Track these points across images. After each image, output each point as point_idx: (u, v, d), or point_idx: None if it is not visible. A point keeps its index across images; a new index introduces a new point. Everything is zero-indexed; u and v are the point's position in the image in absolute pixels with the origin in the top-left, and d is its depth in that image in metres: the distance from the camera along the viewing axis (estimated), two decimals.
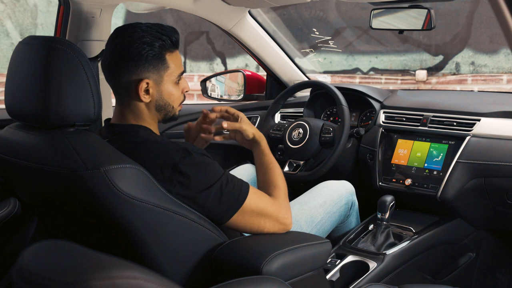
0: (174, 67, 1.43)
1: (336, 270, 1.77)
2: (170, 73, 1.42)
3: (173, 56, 1.43)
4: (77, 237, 1.46)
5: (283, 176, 1.58)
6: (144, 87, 1.39)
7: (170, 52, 1.42)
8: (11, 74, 1.33)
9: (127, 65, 1.37)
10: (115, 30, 1.42)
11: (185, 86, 1.48)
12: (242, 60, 5.56)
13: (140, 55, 1.36)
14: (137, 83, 1.38)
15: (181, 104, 1.50)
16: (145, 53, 1.36)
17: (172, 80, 1.43)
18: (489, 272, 2.14)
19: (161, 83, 1.41)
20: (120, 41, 1.38)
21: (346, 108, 2.08)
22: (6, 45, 5.34)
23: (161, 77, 1.41)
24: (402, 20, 2.00)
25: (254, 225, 1.42)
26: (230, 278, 1.16)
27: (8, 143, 1.36)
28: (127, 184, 1.21)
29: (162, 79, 1.41)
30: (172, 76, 1.42)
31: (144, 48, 1.36)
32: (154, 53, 1.38)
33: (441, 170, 1.95)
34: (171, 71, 1.42)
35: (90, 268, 0.76)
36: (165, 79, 1.41)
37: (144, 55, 1.36)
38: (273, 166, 1.57)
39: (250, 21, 2.37)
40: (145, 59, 1.37)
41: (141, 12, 5.40)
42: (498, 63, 4.89)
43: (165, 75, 1.41)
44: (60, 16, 1.93)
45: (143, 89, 1.39)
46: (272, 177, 1.55)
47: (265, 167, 1.57)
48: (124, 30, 1.40)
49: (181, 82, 1.47)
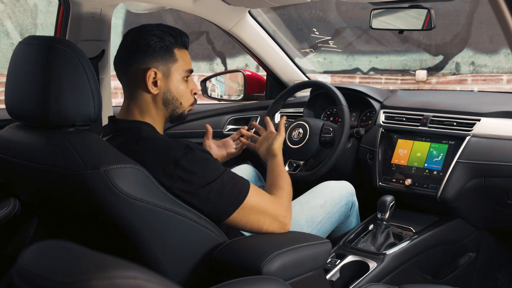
0: (182, 62, 1.46)
1: (336, 270, 1.77)
2: (178, 67, 1.45)
3: (182, 52, 1.46)
4: (77, 237, 1.46)
5: (290, 182, 1.60)
6: (152, 76, 1.41)
7: (179, 48, 1.46)
8: (11, 74, 1.33)
9: (136, 55, 1.41)
10: (127, 31, 1.47)
11: (194, 87, 1.51)
12: (242, 60, 5.57)
13: (148, 45, 1.41)
14: (144, 72, 1.41)
15: (192, 105, 1.52)
16: (154, 43, 1.41)
17: (180, 75, 1.46)
18: (489, 272, 2.14)
19: (169, 76, 1.44)
20: (131, 36, 1.44)
21: (346, 108, 2.08)
22: (6, 45, 5.35)
23: (169, 69, 1.43)
24: (402, 20, 2.00)
25: (254, 222, 1.43)
26: (230, 278, 1.16)
27: (8, 143, 1.36)
28: (127, 184, 1.21)
29: (170, 71, 1.44)
30: (180, 70, 1.45)
31: (153, 39, 1.41)
32: (163, 44, 1.42)
33: (441, 170, 1.95)
34: (179, 64, 1.45)
35: (90, 268, 0.76)
36: (173, 72, 1.44)
37: (152, 45, 1.41)
38: (283, 174, 1.62)
39: (250, 21, 2.37)
40: (153, 49, 1.41)
41: (141, 12, 5.40)
42: (498, 63, 4.89)
43: (173, 67, 1.44)
44: (60, 16, 1.93)
45: (151, 78, 1.41)
46: (278, 180, 1.58)
47: (275, 173, 1.62)
48: (135, 28, 1.46)
49: (190, 82, 1.50)
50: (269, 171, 1.65)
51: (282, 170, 1.64)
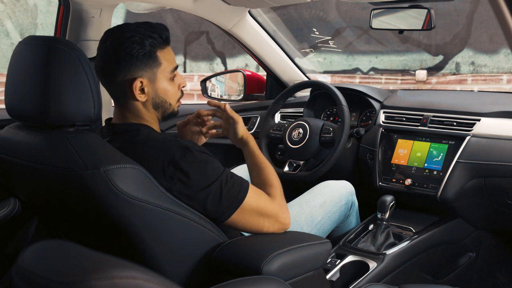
0: (166, 64, 1.42)
1: (336, 270, 1.77)
2: (163, 70, 1.42)
3: (164, 52, 1.42)
4: (77, 237, 1.46)
5: (277, 174, 1.57)
6: (139, 86, 1.39)
7: (161, 49, 1.41)
8: (11, 74, 1.33)
9: (119, 66, 1.37)
10: (104, 33, 1.42)
11: (181, 82, 1.48)
12: (242, 60, 5.57)
13: (130, 55, 1.36)
14: (131, 83, 1.38)
15: (179, 100, 1.50)
16: (136, 52, 1.36)
17: (166, 77, 1.43)
18: (489, 272, 2.14)
19: (155, 81, 1.41)
20: (110, 43, 1.38)
21: (346, 108, 2.08)
22: (6, 45, 5.35)
23: (154, 74, 1.40)
24: (402, 20, 2.00)
25: (254, 223, 1.42)
26: (230, 278, 1.16)
27: (8, 143, 1.36)
28: (127, 184, 1.21)
29: (155, 76, 1.41)
30: (165, 73, 1.42)
31: (134, 48, 1.36)
32: (145, 51, 1.37)
33: (441, 170, 1.95)
34: (164, 67, 1.42)
35: (90, 268, 0.76)
36: (159, 76, 1.41)
37: (134, 54, 1.36)
38: (265, 166, 1.57)
39: (250, 21, 2.37)
40: (136, 58, 1.37)
41: (141, 12, 5.41)
42: (498, 63, 4.89)
43: (158, 72, 1.41)
44: (60, 16, 1.93)
45: (137, 88, 1.39)
46: (267, 176, 1.54)
47: (257, 167, 1.57)
48: (113, 32, 1.40)
49: (176, 78, 1.47)
50: (250, 164, 1.59)
51: (262, 161, 1.57)
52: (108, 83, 1.41)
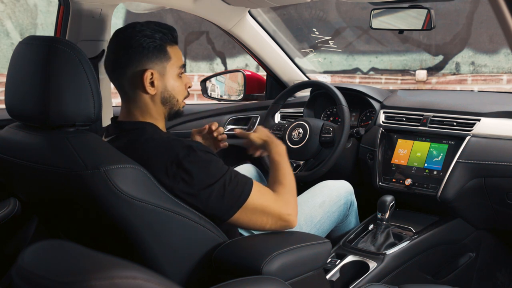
0: (175, 59, 1.46)
1: (336, 270, 1.77)
2: (172, 65, 1.45)
3: (173, 49, 1.46)
4: (77, 237, 1.46)
5: (292, 175, 1.58)
6: (149, 77, 1.41)
7: (171, 45, 1.45)
8: (11, 74, 1.33)
9: (130, 58, 1.40)
10: (115, 32, 1.45)
11: (187, 81, 1.51)
12: (242, 60, 5.56)
13: (142, 46, 1.40)
14: (142, 74, 1.40)
15: (185, 99, 1.52)
16: (147, 44, 1.40)
17: (175, 72, 1.46)
18: (489, 272, 2.14)
19: (165, 75, 1.44)
20: (121, 37, 1.42)
21: (346, 108, 2.08)
22: (6, 45, 5.35)
23: (164, 68, 1.43)
24: (402, 20, 2.00)
25: (257, 222, 1.43)
26: (230, 278, 1.16)
27: (8, 143, 1.36)
28: (127, 184, 1.22)
29: (165, 70, 1.43)
30: (174, 68, 1.45)
31: (145, 40, 1.40)
32: (156, 44, 1.41)
33: (441, 170, 1.95)
34: (173, 62, 1.45)
35: (90, 268, 0.76)
36: (168, 70, 1.44)
37: (146, 46, 1.40)
38: (282, 167, 1.58)
39: (250, 21, 2.37)
40: (147, 49, 1.40)
41: (141, 12, 5.40)
42: (498, 63, 4.89)
43: (168, 66, 1.44)
44: (60, 16, 1.93)
45: (148, 79, 1.41)
46: (278, 175, 1.56)
47: (274, 165, 1.59)
48: (124, 28, 1.44)
49: (184, 77, 1.50)
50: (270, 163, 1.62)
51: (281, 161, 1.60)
52: (118, 76, 1.43)
